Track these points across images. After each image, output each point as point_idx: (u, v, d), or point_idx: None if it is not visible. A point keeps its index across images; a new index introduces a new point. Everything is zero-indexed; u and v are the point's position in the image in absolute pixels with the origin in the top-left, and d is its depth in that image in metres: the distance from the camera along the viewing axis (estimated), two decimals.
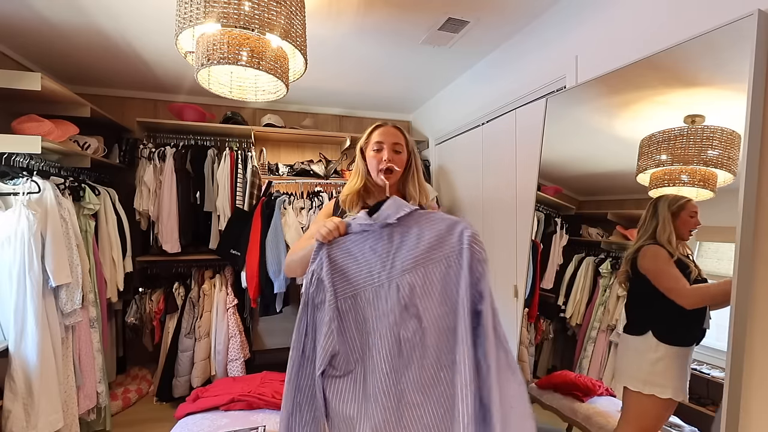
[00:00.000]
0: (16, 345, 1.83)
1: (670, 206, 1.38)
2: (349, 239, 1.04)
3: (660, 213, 1.40)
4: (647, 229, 1.44)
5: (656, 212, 1.41)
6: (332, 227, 1.05)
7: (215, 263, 3.07)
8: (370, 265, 1.01)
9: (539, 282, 2.07)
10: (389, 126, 1.28)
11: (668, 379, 1.36)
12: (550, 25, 2.06)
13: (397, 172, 1.22)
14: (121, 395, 2.66)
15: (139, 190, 2.84)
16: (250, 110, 3.54)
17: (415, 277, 0.97)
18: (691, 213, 1.34)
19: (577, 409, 1.75)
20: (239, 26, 1.36)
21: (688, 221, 1.35)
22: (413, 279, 0.97)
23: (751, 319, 1.16)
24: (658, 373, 1.39)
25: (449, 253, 0.96)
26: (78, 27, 2.18)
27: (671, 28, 1.45)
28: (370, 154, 1.26)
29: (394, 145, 1.24)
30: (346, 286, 1.03)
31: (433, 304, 0.96)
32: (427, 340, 0.95)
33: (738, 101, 1.16)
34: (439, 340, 0.94)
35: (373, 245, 1.02)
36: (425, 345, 0.95)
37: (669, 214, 1.38)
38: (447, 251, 0.96)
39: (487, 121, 2.66)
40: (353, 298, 1.03)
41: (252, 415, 1.94)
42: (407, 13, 2.05)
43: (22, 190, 1.90)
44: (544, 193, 2.01)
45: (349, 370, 1.02)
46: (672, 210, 1.38)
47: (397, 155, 1.24)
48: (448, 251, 0.96)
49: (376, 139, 1.25)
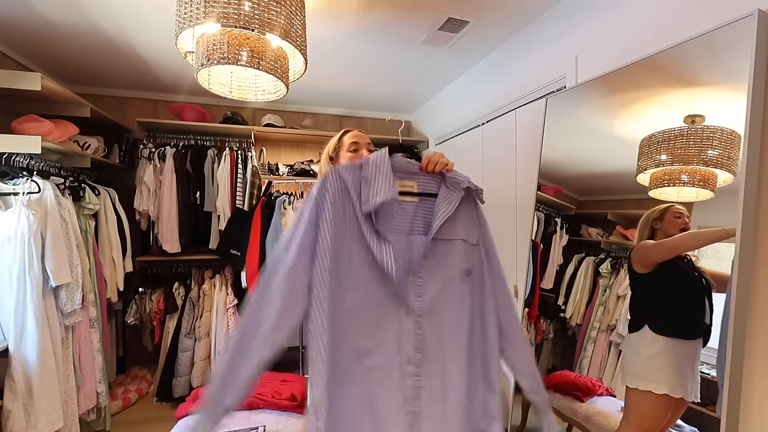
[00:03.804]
0: (16, 345, 1.83)
1: (653, 214, 1.46)
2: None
3: (644, 221, 1.48)
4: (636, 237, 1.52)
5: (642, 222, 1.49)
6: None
7: (215, 263, 3.07)
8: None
9: (539, 282, 2.07)
10: (357, 130, 1.39)
11: (664, 374, 1.36)
12: (550, 25, 2.06)
13: None
14: (121, 395, 2.66)
15: (139, 190, 2.84)
16: (250, 110, 3.54)
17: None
18: (675, 214, 1.39)
19: (577, 409, 1.75)
20: (239, 26, 1.36)
21: (674, 222, 1.39)
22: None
23: (751, 319, 1.17)
24: (653, 368, 1.40)
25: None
26: (78, 27, 2.18)
27: (671, 28, 1.45)
28: (346, 156, 1.33)
29: (367, 144, 1.34)
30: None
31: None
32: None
33: (738, 101, 1.16)
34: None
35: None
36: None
37: (651, 221, 1.46)
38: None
39: (487, 121, 2.66)
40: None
41: (252, 415, 1.94)
42: (407, 13, 2.05)
43: (22, 190, 1.90)
44: (544, 193, 2.01)
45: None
46: (654, 216, 1.44)
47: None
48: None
49: (351, 141, 1.34)
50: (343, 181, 0.92)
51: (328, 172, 0.94)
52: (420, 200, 0.99)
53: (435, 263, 0.96)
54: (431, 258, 0.96)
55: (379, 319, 0.91)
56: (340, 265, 0.90)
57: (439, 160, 1.01)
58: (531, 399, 1.03)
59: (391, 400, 0.90)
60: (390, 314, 0.92)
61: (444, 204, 0.96)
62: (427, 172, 1.01)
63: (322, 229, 0.89)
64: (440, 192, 0.99)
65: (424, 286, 0.94)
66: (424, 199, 0.99)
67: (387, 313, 0.92)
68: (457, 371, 0.96)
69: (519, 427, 2.08)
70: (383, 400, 0.90)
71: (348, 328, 0.90)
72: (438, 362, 0.94)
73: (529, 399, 1.03)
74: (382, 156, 0.96)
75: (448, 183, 1.00)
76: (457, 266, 0.99)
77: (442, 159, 1.03)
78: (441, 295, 0.96)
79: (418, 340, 0.92)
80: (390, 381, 0.90)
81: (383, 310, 0.92)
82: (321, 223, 0.89)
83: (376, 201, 0.89)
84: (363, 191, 0.91)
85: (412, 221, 0.97)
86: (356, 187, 0.92)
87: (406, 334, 0.92)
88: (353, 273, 0.90)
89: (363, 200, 0.91)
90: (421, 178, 1.01)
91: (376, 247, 0.90)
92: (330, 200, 0.90)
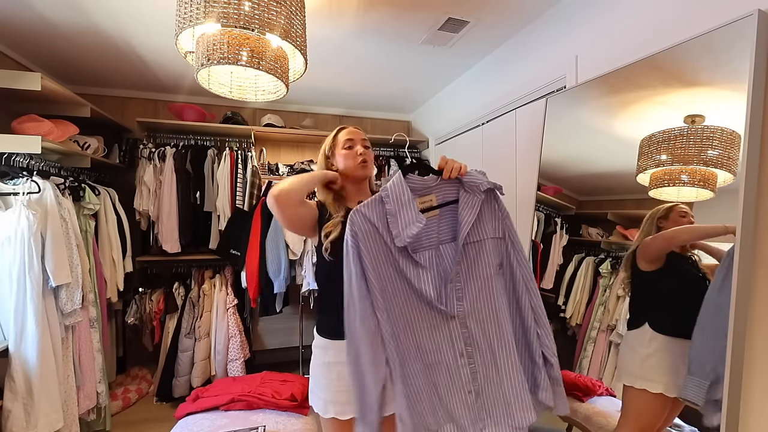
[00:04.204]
0: (16, 345, 1.83)
1: (658, 212, 1.45)
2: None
3: (650, 219, 1.47)
4: (639, 236, 1.51)
5: (647, 221, 1.49)
6: None
7: (215, 263, 3.07)
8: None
9: (539, 282, 2.07)
10: (352, 127, 1.40)
11: (660, 373, 1.36)
12: (550, 25, 2.06)
13: (371, 164, 1.34)
14: (121, 395, 2.66)
15: (139, 190, 2.84)
16: (250, 110, 3.54)
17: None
18: (681, 213, 1.39)
19: (577, 409, 1.75)
20: (239, 26, 1.36)
21: (679, 220, 1.39)
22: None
23: (751, 319, 1.17)
24: (650, 367, 1.40)
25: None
26: (78, 27, 2.18)
27: (671, 28, 1.45)
28: (341, 153, 1.34)
29: (363, 141, 1.35)
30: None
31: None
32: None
33: (738, 101, 1.16)
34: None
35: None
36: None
37: (656, 219, 1.45)
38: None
39: (487, 121, 2.66)
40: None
41: (252, 415, 1.94)
42: (407, 13, 2.05)
43: (22, 190, 1.90)
44: (544, 193, 2.01)
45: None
46: (660, 214, 1.44)
47: (367, 150, 1.34)
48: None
49: (345, 137, 1.34)
50: (370, 222, 1.01)
51: (352, 216, 1.02)
52: (441, 211, 1.06)
53: (468, 266, 1.06)
54: (464, 262, 1.06)
55: (431, 328, 1.05)
56: (389, 295, 1.02)
57: (453, 166, 1.07)
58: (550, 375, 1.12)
59: (453, 385, 1.06)
60: (438, 322, 1.05)
61: (466, 210, 1.03)
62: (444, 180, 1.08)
63: (368, 274, 1.00)
64: (460, 198, 1.05)
65: (463, 290, 1.05)
66: (444, 209, 1.06)
67: (435, 322, 1.05)
68: (506, 355, 1.07)
69: None
70: (445, 386, 1.06)
71: (407, 341, 1.04)
72: (488, 350, 1.06)
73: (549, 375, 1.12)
74: (399, 185, 1.03)
75: (467, 187, 1.06)
76: (490, 264, 1.08)
77: (456, 164, 1.08)
78: (480, 293, 1.07)
79: (465, 337, 1.06)
80: (450, 372, 1.06)
81: (432, 321, 1.05)
82: (365, 268, 1.00)
83: (407, 234, 0.98)
84: (392, 226, 1.00)
85: (438, 232, 1.06)
86: (383, 222, 1.02)
87: (455, 334, 1.06)
88: (399, 298, 1.03)
89: (394, 235, 1.00)
90: (438, 189, 1.07)
91: (413, 276, 1.01)
92: (363, 244, 1.00)
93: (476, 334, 1.06)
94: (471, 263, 1.05)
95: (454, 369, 1.06)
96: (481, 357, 1.07)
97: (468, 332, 1.06)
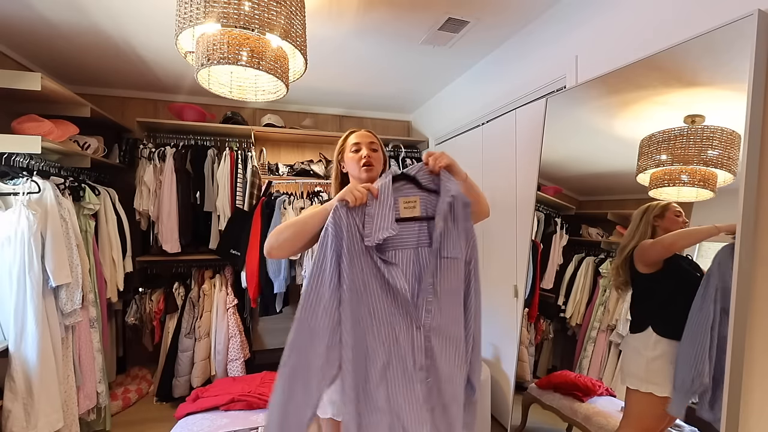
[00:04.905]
0: (16, 345, 1.83)
1: (653, 210, 1.46)
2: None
3: (645, 218, 1.48)
4: (632, 235, 1.52)
5: (642, 219, 1.49)
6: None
7: (215, 263, 3.07)
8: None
9: (539, 282, 2.07)
10: (363, 130, 1.39)
11: (666, 377, 1.36)
12: (550, 25, 2.06)
13: (377, 167, 1.33)
14: (121, 395, 2.66)
15: (139, 190, 2.84)
16: (250, 110, 3.54)
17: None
18: (676, 213, 1.40)
19: (577, 409, 1.75)
20: (239, 26, 1.36)
21: (675, 220, 1.40)
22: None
23: (751, 319, 1.17)
24: (656, 370, 1.39)
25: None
26: (78, 27, 2.18)
27: (671, 28, 1.45)
28: (349, 156, 1.34)
29: (370, 144, 1.34)
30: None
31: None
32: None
33: (738, 101, 1.17)
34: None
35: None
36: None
37: (652, 218, 1.46)
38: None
39: (487, 121, 2.66)
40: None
41: (252, 415, 1.94)
42: (407, 13, 2.05)
43: (22, 190, 1.90)
44: (544, 193, 2.01)
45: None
46: (655, 213, 1.45)
47: (374, 153, 1.34)
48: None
49: (353, 142, 1.35)
50: (352, 216, 1.02)
51: (337, 207, 1.02)
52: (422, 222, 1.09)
53: (441, 280, 1.06)
54: (439, 276, 1.06)
55: (395, 335, 1.04)
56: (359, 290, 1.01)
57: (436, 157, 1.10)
58: (469, 398, 1.16)
59: (410, 399, 1.04)
60: (404, 330, 1.04)
61: (440, 220, 1.05)
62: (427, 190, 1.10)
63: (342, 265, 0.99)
64: (437, 210, 1.07)
65: (434, 303, 1.05)
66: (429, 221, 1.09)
67: (401, 329, 1.04)
68: (454, 372, 1.09)
69: (519, 427, 2.08)
70: (405, 400, 1.04)
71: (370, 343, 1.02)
72: (443, 366, 1.07)
73: (467, 398, 1.16)
74: (386, 191, 1.05)
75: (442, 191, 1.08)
76: (460, 282, 1.10)
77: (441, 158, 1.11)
78: (446, 310, 1.07)
79: (428, 349, 1.05)
80: (406, 384, 1.04)
81: (398, 327, 1.04)
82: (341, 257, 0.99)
83: (377, 237, 0.99)
84: (366, 225, 1.01)
85: (418, 236, 1.07)
86: (363, 220, 1.03)
87: (417, 345, 1.05)
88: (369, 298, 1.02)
89: (365, 234, 1.01)
90: (423, 195, 1.10)
91: (387, 272, 1.01)
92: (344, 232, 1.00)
93: (436, 349, 1.06)
94: (443, 278, 1.06)
95: (412, 382, 1.04)
96: (436, 373, 1.06)
97: (430, 346, 1.05)
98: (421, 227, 1.08)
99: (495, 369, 2.47)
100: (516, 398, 2.11)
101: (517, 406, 2.10)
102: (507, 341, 2.38)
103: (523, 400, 2.08)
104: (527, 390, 2.07)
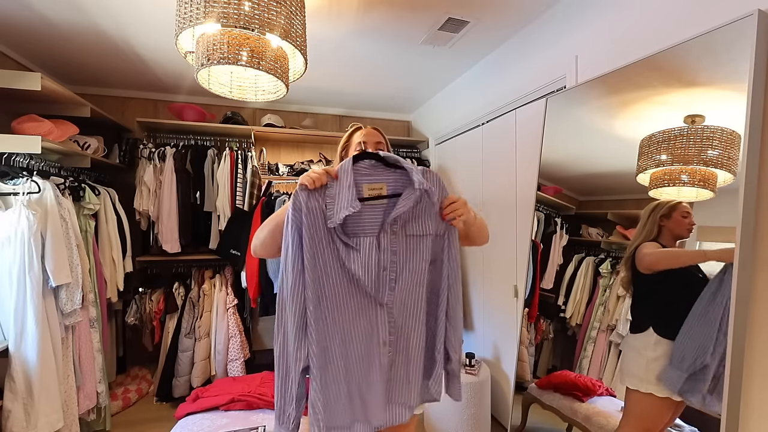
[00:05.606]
0: (16, 345, 1.83)
1: (661, 209, 1.45)
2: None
3: (652, 217, 1.47)
4: (640, 232, 1.50)
5: (649, 217, 1.48)
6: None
7: (215, 263, 3.07)
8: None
9: (539, 282, 2.07)
10: (369, 127, 1.37)
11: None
12: (550, 25, 2.06)
13: None
14: (121, 395, 2.66)
15: (139, 190, 2.84)
16: (250, 110, 3.54)
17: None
18: (683, 213, 1.39)
19: (577, 409, 1.75)
20: (239, 26, 1.36)
21: (681, 221, 1.39)
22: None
23: (751, 319, 1.17)
24: (657, 370, 1.39)
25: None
26: (78, 27, 2.18)
27: (671, 28, 1.45)
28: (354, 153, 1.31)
29: (376, 144, 1.33)
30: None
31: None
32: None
33: (738, 101, 1.17)
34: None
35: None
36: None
37: (658, 217, 1.45)
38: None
39: (487, 121, 2.66)
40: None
41: (252, 415, 1.94)
42: (407, 13, 2.05)
43: (22, 190, 1.90)
44: (544, 193, 2.01)
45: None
46: (662, 212, 1.44)
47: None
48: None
49: (359, 140, 1.34)
50: (314, 199, 1.03)
51: (297, 192, 1.03)
52: (389, 201, 1.07)
53: (405, 257, 1.07)
54: (402, 254, 1.07)
55: (358, 313, 1.07)
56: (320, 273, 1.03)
57: (457, 209, 1.08)
58: (447, 369, 1.17)
59: (371, 371, 1.08)
60: (366, 308, 1.07)
61: (403, 201, 1.04)
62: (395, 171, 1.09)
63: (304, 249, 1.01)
64: (404, 192, 1.06)
65: (396, 280, 1.07)
66: (393, 199, 1.07)
67: (363, 307, 1.07)
68: (418, 344, 1.12)
69: (519, 426, 2.08)
70: (366, 372, 1.08)
71: (333, 324, 1.05)
72: (404, 340, 1.11)
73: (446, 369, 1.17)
74: (346, 171, 1.05)
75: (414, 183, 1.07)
76: (425, 259, 1.10)
77: (459, 208, 1.08)
78: (409, 285, 1.09)
79: (391, 325, 1.08)
80: (370, 358, 1.08)
81: (361, 305, 1.07)
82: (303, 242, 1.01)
83: (339, 217, 0.99)
84: (329, 208, 1.02)
85: (383, 220, 1.06)
86: (326, 202, 1.03)
87: (381, 321, 1.08)
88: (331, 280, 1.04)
89: (327, 216, 1.02)
90: (390, 178, 1.09)
91: (345, 256, 1.02)
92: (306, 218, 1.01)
93: (399, 324, 1.09)
94: (408, 255, 1.07)
95: (375, 356, 1.08)
96: (398, 345, 1.10)
97: (393, 321, 1.08)
98: (386, 211, 1.07)
99: (495, 369, 2.47)
100: (516, 398, 2.11)
101: (517, 406, 2.10)
102: (507, 341, 2.38)
103: (523, 400, 2.08)
104: (527, 390, 2.07)
